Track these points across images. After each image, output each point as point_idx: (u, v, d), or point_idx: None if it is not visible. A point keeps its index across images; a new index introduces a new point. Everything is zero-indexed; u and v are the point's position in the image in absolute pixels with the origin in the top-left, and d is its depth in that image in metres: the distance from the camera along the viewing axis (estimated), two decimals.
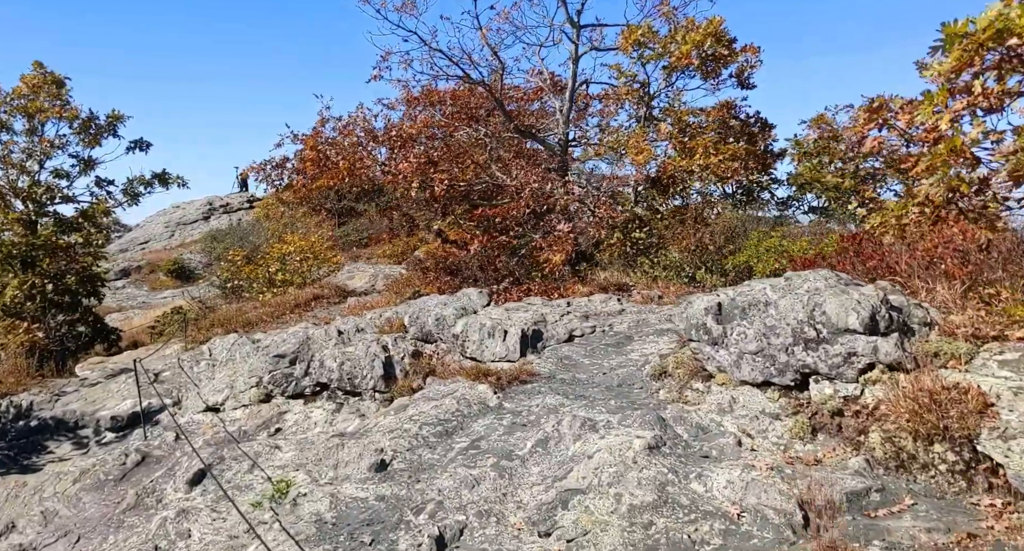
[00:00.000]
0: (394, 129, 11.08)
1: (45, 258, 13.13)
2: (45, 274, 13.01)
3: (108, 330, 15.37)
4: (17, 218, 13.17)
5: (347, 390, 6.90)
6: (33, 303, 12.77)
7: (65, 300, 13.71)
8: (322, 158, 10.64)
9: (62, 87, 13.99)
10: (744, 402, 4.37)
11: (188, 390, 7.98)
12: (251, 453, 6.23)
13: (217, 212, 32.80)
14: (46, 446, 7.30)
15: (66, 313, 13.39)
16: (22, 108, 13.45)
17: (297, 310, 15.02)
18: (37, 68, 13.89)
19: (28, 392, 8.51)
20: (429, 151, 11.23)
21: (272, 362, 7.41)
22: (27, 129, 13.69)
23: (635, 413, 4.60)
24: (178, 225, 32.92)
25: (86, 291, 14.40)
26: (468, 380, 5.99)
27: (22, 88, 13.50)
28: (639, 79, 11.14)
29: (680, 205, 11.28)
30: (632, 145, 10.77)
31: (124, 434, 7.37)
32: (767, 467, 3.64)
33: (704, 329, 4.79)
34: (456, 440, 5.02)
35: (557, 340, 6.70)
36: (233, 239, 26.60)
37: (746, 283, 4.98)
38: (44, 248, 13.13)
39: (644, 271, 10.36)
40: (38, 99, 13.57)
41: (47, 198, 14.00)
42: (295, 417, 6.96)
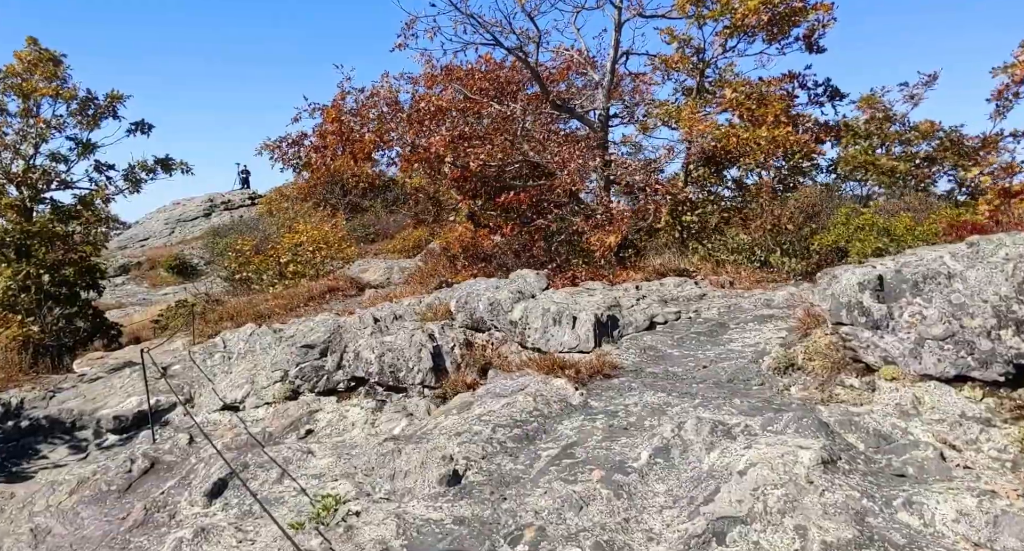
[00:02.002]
0: (422, 100, 10.08)
1: (41, 247, 12.16)
2: (41, 264, 12.04)
3: (108, 325, 14.41)
4: (11, 204, 12.19)
5: (389, 385, 5.92)
6: (28, 295, 11.80)
7: (62, 292, 12.75)
8: (346, 131, 9.67)
9: (58, 65, 13.00)
10: (933, 403, 3.38)
11: (201, 386, 7.01)
12: (280, 459, 5.26)
13: (218, 209, 32.15)
14: (39, 450, 6.34)
15: (63, 306, 12.43)
16: (16, 87, 12.45)
17: (312, 303, 14.09)
18: (31, 44, 12.88)
19: (20, 389, 7.55)
20: (460, 126, 10.24)
21: (299, 354, 6.43)
22: (21, 110, 12.69)
23: (782, 416, 3.60)
24: (178, 222, 32.23)
25: (85, 284, 13.44)
26: (540, 374, 5.00)
27: (15, 66, 12.51)
28: (694, 43, 10.14)
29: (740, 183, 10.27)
30: (686, 117, 9.76)
31: (129, 436, 6.40)
32: (1017, 494, 2.65)
33: (860, 309, 3.80)
34: (542, 446, 4.04)
35: (636, 328, 5.71)
36: (236, 234, 25.74)
37: (909, 251, 3.98)
38: (40, 236, 12.16)
39: (704, 255, 9.37)
40: (33, 78, 12.59)
41: (43, 183, 13.01)
42: (328, 417, 5.99)
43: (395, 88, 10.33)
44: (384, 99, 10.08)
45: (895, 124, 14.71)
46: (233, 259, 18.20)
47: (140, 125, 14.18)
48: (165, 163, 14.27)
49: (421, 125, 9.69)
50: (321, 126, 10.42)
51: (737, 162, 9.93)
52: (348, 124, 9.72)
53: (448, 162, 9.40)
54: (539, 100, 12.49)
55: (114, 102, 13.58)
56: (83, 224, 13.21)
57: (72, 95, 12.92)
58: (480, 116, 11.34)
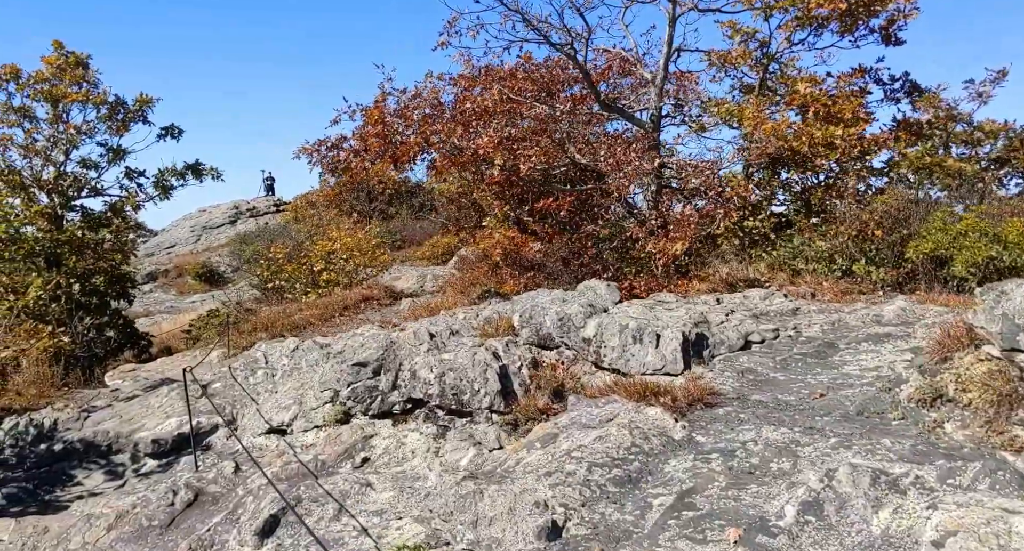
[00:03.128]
0: (467, 101, 9.58)
1: (71, 256, 11.90)
2: (71, 273, 11.78)
3: (138, 335, 14.14)
4: (41, 212, 11.95)
5: (451, 409, 5.37)
6: (58, 305, 11.53)
7: (93, 302, 12.48)
8: (389, 133, 9.21)
9: (86, 69, 12.78)
10: None
11: (244, 406, 6.55)
12: (336, 493, 4.74)
13: (243, 216, 32.14)
14: (73, 476, 5.92)
15: (93, 316, 12.16)
16: (45, 92, 12.24)
17: (346, 312, 13.68)
18: (57, 48, 12.67)
19: (52, 407, 7.17)
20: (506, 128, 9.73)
21: (351, 372, 5.92)
22: (51, 116, 12.48)
23: (963, 466, 2.95)
24: (204, 229, 32.39)
25: (115, 293, 13.18)
26: (628, 400, 4.41)
27: (44, 71, 12.31)
28: (759, 37, 9.50)
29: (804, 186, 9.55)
30: (749, 116, 9.10)
31: (169, 462, 5.95)
32: None
33: None
34: (650, 491, 3.44)
35: (729, 347, 5.08)
36: (263, 241, 25.64)
37: None
38: (70, 245, 11.90)
39: (772, 263, 8.69)
40: (61, 83, 12.38)
41: (74, 190, 12.79)
42: (385, 443, 5.46)
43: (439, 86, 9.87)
44: (428, 100, 9.62)
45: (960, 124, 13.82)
46: (265, 267, 17.93)
47: (170, 130, 13.90)
48: (195, 169, 13.97)
49: (467, 126, 9.20)
50: (362, 128, 9.98)
51: (804, 164, 9.22)
52: (392, 126, 9.27)
53: (497, 165, 8.88)
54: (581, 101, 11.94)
55: (143, 106, 13.33)
56: (113, 232, 12.96)
57: (102, 100, 12.69)
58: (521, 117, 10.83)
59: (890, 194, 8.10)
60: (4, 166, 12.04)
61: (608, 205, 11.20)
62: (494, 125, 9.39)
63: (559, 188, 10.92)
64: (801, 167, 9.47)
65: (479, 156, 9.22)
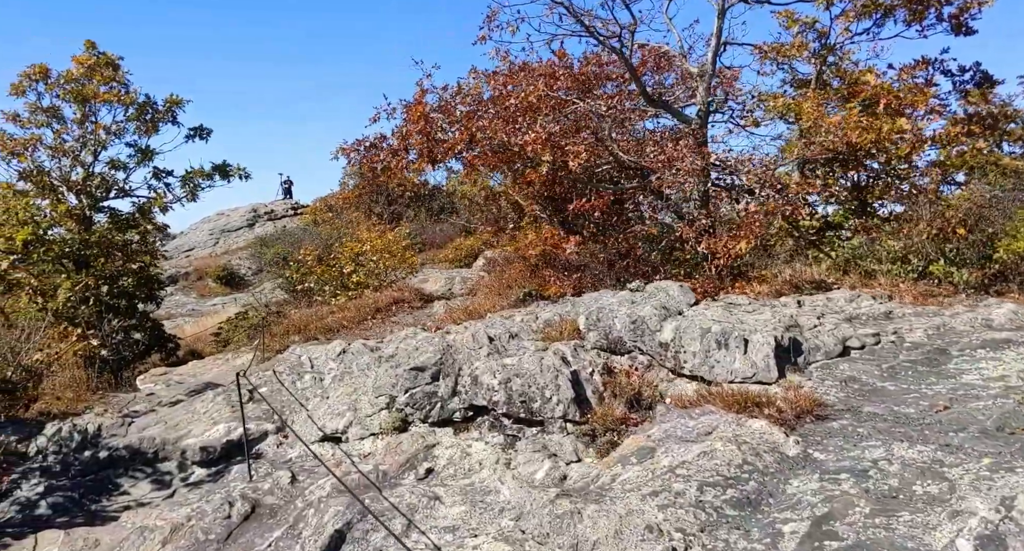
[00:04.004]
0: (512, 96, 9.26)
1: (100, 257, 11.76)
2: (100, 275, 11.63)
3: (165, 338, 14.00)
4: (70, 213, 11.82)
5: (519, 418, 5.03)
6: (87, 307, 11.38)
7: (122, 304, 12.35)
8: (432, 129, 8.92)
9: (116, 69, 12.67)
10: None
11: (294, 412, 6.26)
12: (403, 506, 4.43)
13: (262, 219, 32.31)
14: (119, 485, 5.67)
15: (122, 318, 12.02)
16: (75, 92, 12.12)
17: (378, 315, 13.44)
18: (89, 48, 12.57)
19: (92, 412, 6.96)
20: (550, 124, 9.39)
21: (408, 377, 5.61)
22: (79, 116, 12.35)
23: None
24: (222, 232, 32.57)
25: (143, 295, 13.04)
26: (727, 412, 4.03)
27: (74, 71, 12.19)
28: (818, 27, 9.08)
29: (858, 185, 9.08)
30: (808, 110, 8.66)
31: (219, 471, 5.68)
32: None
33: None
34: (776, 516, 3.06)
35: (825, 353, 4.68)
36: (285, 244, 25.59)
37: None
38: (99, 246, 11.75)
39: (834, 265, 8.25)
40: (92, 83, 12.27)
41: (102, 192, 12.66)
42: (448, 453, 5.13)
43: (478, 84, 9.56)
44: (473, 96, 9.32)
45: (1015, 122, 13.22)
46: (294, 269, 17.78)
47: (199, 130, 13.75)
48: (223, 169, 13.77)
49: (513, 122, 8.88)
50: (402, 127, 9.70)
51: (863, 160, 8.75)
52: (435, 122, 8.98)
53: (546, 161, 8.55)
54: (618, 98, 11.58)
55: (173, 107, 13.20)
56: (141, 233, 12.81)
57: (132, 100, 12.56)
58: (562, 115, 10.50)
59: (971, 191, 7.62)
60: (33, 167, 11.94)
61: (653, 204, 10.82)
62: (540, 121, 9.06)
63: (604, 187, 10.56)
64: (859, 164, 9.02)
65: (524, 153, 8.88)
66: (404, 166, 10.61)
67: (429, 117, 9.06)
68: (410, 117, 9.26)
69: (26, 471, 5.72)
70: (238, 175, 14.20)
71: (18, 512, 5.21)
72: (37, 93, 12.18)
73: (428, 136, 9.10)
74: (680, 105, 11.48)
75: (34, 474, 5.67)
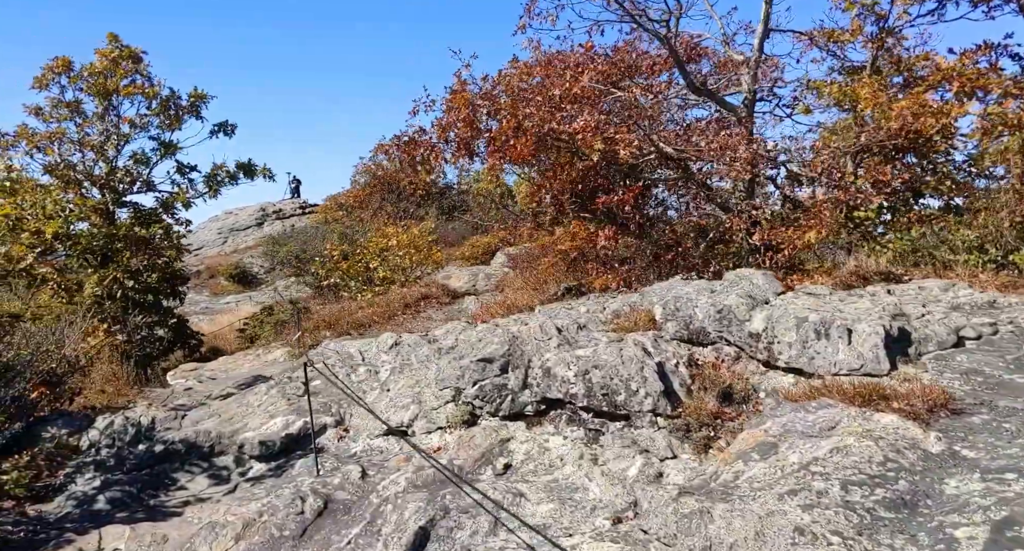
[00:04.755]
0: (555, 86, 8.99)
1: (125, 252, 11.55)
2: (126, 269, 11.44)
3: (188, 334, 13.81)
4: (95, 207, 11.62)
5: (601, 411, 4.76)
6: (113, 302, 11.20)
7: (148, 299, 12.17)
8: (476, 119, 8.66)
9: (139, 62, 12.45)
10: None
11: (351, 406, 6.02)
12: (487, 504, 4.17)
13: (270, 218, 32.35)
14: (176, 479, 5.45)
15: (147, 314, 11.83)
16: (98, 86, 11.91)
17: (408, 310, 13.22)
18: (112, 41, 12.35)
19: (141, 405, 6.75)
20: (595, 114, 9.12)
21: (476, 369, 5.35)
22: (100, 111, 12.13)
23: None
24: (231, 231, 32.60)
25: (167, 290, 12.85)
26: (849, 405, 3.75)
27: (97, 64, 11.98)
28: (878, 9, 8.76)
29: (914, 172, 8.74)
30: (866, 96, 8.34)
31: (279, 465, 5.44)
32: None
33: None
34: (941, 519, 2.78)
35: (938, 344, 4.38)
36: (297, 242, 25.45)
37: None
38: (125, 241, 11.55)
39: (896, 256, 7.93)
40: (115, 76, 12.06)
41: (125, 186, 12.46)
42: (524, 447, 4.87)
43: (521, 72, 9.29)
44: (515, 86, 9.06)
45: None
46: (319, 264, 17.59)
47: (223, 126, 13.51)
48: (247, 167, 13.52)
49: (560, 110, 8.61)
50: (442, 118, 9.44)
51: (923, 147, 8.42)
52: (480, 111, 8.72)
53: (597, 150, 8.28)
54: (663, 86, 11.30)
55: (197, 101, 12.97)
56: (164, 228, 12.59)
57: (155, 93, 12.33)
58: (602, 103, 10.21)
59: None
60: (60, 160, 11.75)
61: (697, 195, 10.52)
62: (587, 110, 8.79)
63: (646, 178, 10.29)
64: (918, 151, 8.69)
65: (573, 143, 8.61)
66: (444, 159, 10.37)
67: (475, 105, 8.79)
68: (453, 105, 8.99)
69: (79, 465, 5.50)
70: (263, 175, 13.94)
71: (75, 507, 5.00)
72: (60, 86, 12.00)
73: (472, 125, 8.83)
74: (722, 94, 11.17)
75: (88, 468, 5.45)
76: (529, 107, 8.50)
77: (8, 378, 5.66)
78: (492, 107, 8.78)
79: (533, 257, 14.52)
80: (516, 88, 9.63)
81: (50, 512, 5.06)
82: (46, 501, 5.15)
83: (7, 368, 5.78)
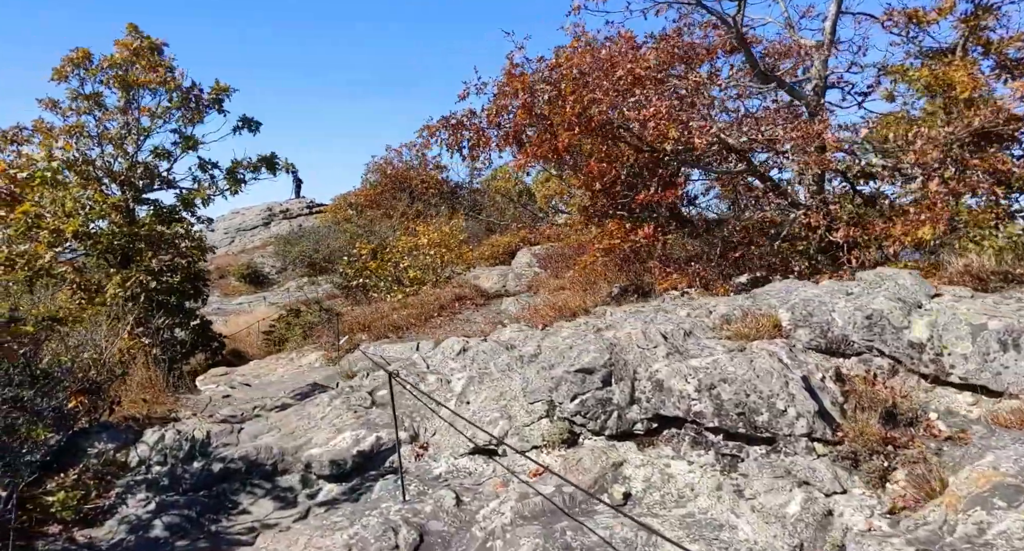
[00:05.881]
0: (619, 68, 8.31)
1: (147, 251, 10.95)
2: (148, 270, 10.84)
3: (210, 336, 13.24)
4: (115, 204, 11.01)
5: (733, 433, 4.12)
6: (135, 303, 10.60)
7: (171, 301, 11.60)
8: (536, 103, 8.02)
9: (160, 54, 11.86)
10: None
11: (424, 418, 5.40)
12: (617, 542, 3.54)
13: (277, 218, 32.15)
14: (237, 502, 4.85)
15: (170, 316, 11.25)
16: (119, 78, 11.31)
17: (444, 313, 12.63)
18: (131, 31, 11.75)
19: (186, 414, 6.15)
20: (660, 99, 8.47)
21: (574, 381, 4.72)
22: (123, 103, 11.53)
23: None
24: (238, 231, 32.35)
25: (190, 291, 12.27)
26: None
27: (117, 56, 11.39)
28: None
29: None
30: (961, 80, 7.66)
31: (353, 487, 4.83)
32: None
33: None
34: None
35: None
36: (310, 242, 24.92)
37: None
38: (147, 239, 10.95)
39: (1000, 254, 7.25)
40: (135, 68, 11.47)
41: (145, 183, 11.86)
42: (642, 473, 4.24)
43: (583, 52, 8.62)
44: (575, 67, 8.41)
45: None
46: (346, 264, 17.00)
47: (247, 121, 12.87)
48: (270, 162, 12.86)
49: (627, 95, 7.96)
50: (494, 102, 8.80)
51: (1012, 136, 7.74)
52: (540, 95, 8.07)
53: (672, 138, 7.64)
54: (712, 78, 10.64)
55: (220, 94, 12.35)
56: (185, 226, 11.98)
57: (177, 84, 11.72)
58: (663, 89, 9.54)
59: None
60: (79, 155, 11.17)
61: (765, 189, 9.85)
62: (655, 95, 8.15)
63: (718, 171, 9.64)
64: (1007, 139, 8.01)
65: (643, 131, 7.97)
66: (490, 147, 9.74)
67: (534, 90, 8.14)
68: (508, 89, 8.35)
69: (130, 484, 4.91)
70: (285, 169, 13.29)
71: (129, 532, 4.41)
72: (80, 79, 11.43)
73: (530, 111, 8.19)
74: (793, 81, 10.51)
75: (139, 488, 4.86)
76: (596, 91, 7.85)
77: (48, 387, 5.08)
78: (553, 92, 8.12)
79: (566, 257, 13.90)
80: (576, 72, 8.93)
81: (101, 539, 4.47)
82: (96, 526, 4.57)
83: (46, 376, 5.21)
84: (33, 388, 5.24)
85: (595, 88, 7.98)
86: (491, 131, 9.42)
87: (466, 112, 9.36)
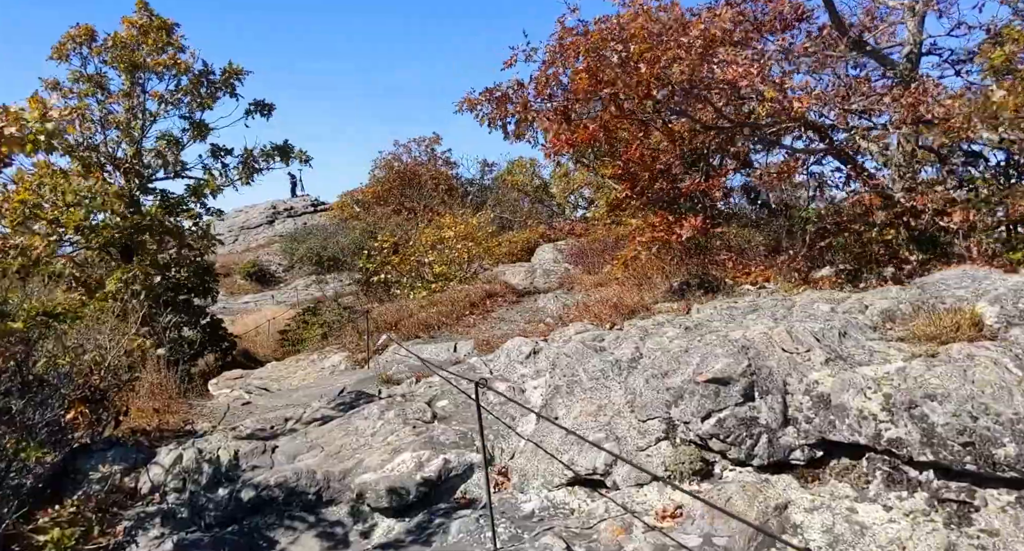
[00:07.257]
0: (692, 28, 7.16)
1: (152, 245, 9.91)
2: (154, 263, 9.78)
3: (221, 336, 12.22)
4: (119, 194, 9.95)
5: (956, 471, 3.02)
6: (139, 301, 9.54)
7: (179, 298, 10.56)
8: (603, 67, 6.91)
9: (171, 34, 10.78)
10: None
11: (501, 437, 4.33)
12: None
13: (281, 216, 31.70)
14: (274, 541, 3.80)
15: (177, 314, 10.23)
16: (125, 58, 10.25)
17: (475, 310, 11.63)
18: (141, 9, 10.68)
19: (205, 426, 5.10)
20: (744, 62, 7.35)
21: (704, 393, 3.64)
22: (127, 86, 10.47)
23: None
24: (242, 229, 31.75)
25: (199, 288, 11.22)
26: None
27: (123, 34, 10.32)
28: None
29: None
30: None
31: (421, 525, 3.75)
32: None
33: None
34: None
35: None
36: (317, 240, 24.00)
37: None
38: (152, 232, 9.88)
39: None
40: (142, 48, 10.41)
41: (152, 171, 10.79)
42: (818, 521, 3.15)
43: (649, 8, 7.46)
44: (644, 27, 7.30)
45: None
46: (365, 259, 15.95)
47: (260, 105, 11.75)
48: (284, 151, 11.74)
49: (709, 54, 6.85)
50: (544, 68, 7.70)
51: None
52: (608, 58, 6.97)
53: (768, 100, 6.55)
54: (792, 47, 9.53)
55: (232, 77, 11.24)
56: (194, 218, 10.90)
57: (188, 67, 10.63)
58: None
59: None
60: (82, 140, 10.13)
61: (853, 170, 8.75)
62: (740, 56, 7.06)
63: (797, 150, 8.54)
64: None
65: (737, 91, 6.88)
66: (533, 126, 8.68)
67: (599, 53, 7.02)
68: (567, 52, 7.24)
69: (140, 517, 3.87)
70: (300, 159, 12.16)
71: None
72: (82, 58, 10.39)
73: (597, 76, 7.07)
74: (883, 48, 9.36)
75: (152, 522, 3.82)
76: (679, 49, 6.74)
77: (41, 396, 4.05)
78: (624, 51, 6.98)
79: (598, 252, 12.89)
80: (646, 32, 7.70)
81: None
82: None
83: (40, 382, 4.18)
84: (24, 397, 4.23)
85: (675, 45, 6.87)
86: (539, 104, 8.32)
87: (512, 83, 8.24)
